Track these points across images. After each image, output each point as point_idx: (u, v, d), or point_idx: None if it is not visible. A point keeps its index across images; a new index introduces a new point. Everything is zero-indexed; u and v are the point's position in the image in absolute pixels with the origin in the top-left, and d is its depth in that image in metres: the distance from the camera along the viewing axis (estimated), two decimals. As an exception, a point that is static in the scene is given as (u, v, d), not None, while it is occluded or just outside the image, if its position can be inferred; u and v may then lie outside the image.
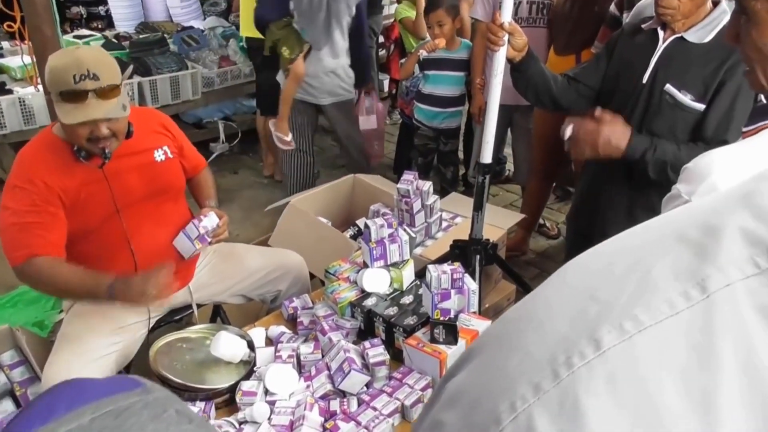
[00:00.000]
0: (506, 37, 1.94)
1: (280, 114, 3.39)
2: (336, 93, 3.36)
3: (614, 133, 1.77)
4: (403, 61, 3.75)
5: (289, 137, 3.44)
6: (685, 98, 1.75)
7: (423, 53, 3.34)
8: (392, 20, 4.94)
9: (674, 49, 1.78)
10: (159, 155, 1.96)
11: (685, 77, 1.76)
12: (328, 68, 3.26)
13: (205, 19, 5.11)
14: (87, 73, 1.66)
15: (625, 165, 1.93)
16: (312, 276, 2.39)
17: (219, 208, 2.15)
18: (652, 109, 1.82)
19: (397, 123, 5.03)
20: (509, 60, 2.00)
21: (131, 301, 1.75)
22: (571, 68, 2.15)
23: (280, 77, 3.39)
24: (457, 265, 1.79)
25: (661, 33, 1.82)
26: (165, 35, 4.39)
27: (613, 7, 2.48)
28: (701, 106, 1.75)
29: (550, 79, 2.04)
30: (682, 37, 1.78)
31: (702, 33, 1.77)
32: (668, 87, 1.77)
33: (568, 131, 1.83)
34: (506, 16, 1.93)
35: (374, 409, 1.58)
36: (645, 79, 1.80)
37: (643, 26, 1.86)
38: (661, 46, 1.81)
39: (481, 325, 1.74)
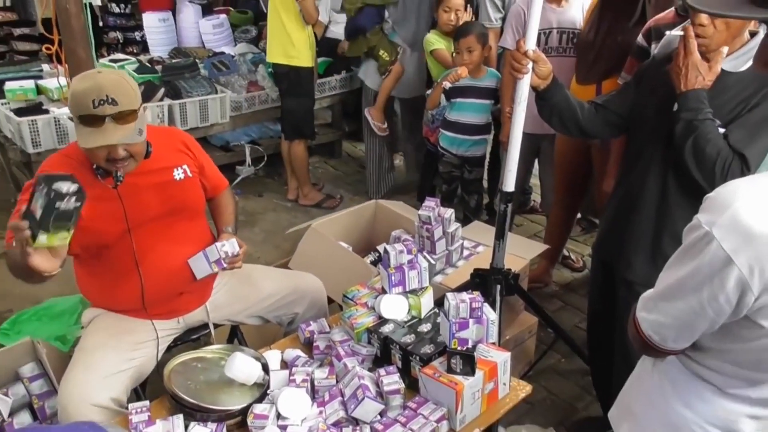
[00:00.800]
0: (530, 65, 1.94)
1: (378, 105, 4.14)
2: (416, 89, 4.05)
3: (693, 71, 1.71)
4: (429, 91, 3.78)
5: (384, 125, 4.21)
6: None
7: (447, 84, 3.38)
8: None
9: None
10: (178, 174, 1.97)
11: (718, 105, 1.73)
12: (414, 66, 3.95)
13: (236, 45, 5.23)
14: (106, 98, 1.68)
15: (654, 193, 1.89)
16: (330, 300, 2.37)
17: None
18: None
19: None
20: (533, 88, 1.99)
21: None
22: (599, 96, 2.13)
23: (364, 74, 4.28)
24: (476, 294, 1.76)
25: None
26: (197, 60, 4.49)
27: (640, 38, 2.46)
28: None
29: (576, 106, 2.02)
30: None
31: (738, 62, 1.74)
32: None
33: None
34: (530, 44, 1.93)
35: (387, 438, 1.54)
36: (676, 107, 1.77)
37: (675, 55, 1.84)
38: None
39: (500, 356, 1.70)
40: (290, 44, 3.91)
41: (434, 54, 3.88)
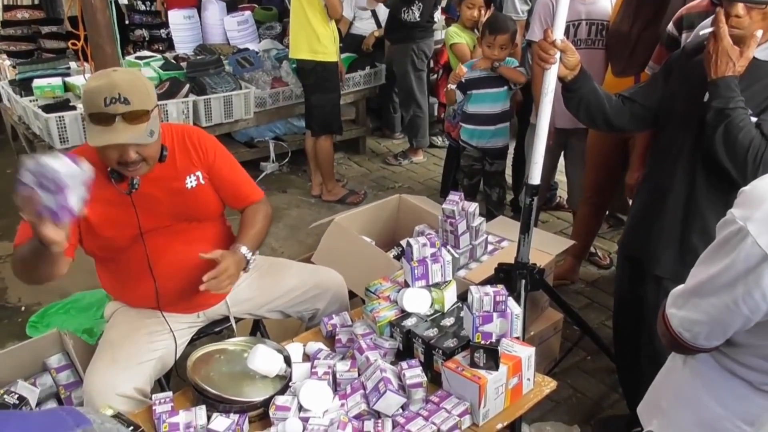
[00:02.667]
0: (558, 55, 1.90)
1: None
2: None
3: (723, 57, 1.65)
4: (449, 86, 3.76)
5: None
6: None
7: (451, 86, 3.40)
8: (441, 45, 4.96)
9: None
10: (191, 182, 1.91)
11: (751, 95, 1.67)
12: None
13: (260, 41, 5.25)
14: (118, 97, 1.64)
15: (683, 187, 1.84)
16: (353, 295, 2.36)
17: None
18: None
19: (444, 146, 5.02)
20: (560, 79, 1.95)
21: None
22: (627, 88, 2.08)
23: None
24: (500, 287, 1.73)
25: None
26: (221, 57, 4.52)
27: (671, 27, 2.40)
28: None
29: (604, 98, 1.98)
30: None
31: None
32: None
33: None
34: (558, 33, 1.89)
35: (409, 432, 1.52)
36: (706, 98, 1.72)
37: (705, 43, 1.79)
38: None
39: (525, 351, 1.67)
40: (316, 39, 3.91)
41: (453, 48, 3.87)
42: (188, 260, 1.90)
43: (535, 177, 2.09)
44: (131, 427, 1.54)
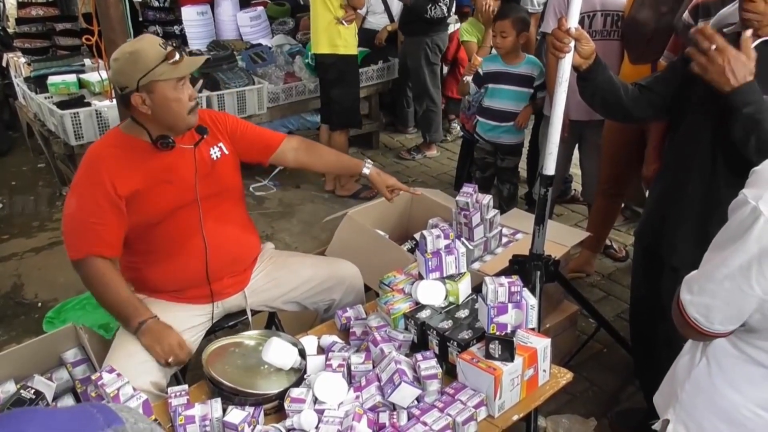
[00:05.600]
0: (572, 44, 1.87)
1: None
2: None
3: (738, 64, 1.60)
4: (465, 78, 3.74)
5: None
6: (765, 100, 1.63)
7: (467, 78, 3.37)
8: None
9: (760, 53, 1.67)
10: (215, 153, 2.02)
11: (766, 79, 1.64)
12: None
13: (273, 37, 5.26)
14: (166, 44, 1.85)
15: (702, 175, 1.81)
16: (367, 288, 2.35)
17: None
18: (730, 116, 1.70)
19: (457, 139, 5.00)
20: (575, 68, 1.93)
21: (149, 347, 1.86)
22: (643, 77, 2.05)
23: None
24: (515, 278, 1.72)
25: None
26: (234, 52, 4.53)
27: (686, 15, 2.36)
28: None
29: (620, 87, 1.95)
30: (767, 41, 1.67)
31: None
32: None
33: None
34: (573, 21, 1.87)
35: (424, 424, 1.51)
36: (731, 103, 1.68)
37: (725, 30, 1.75)
38: None
39: (540, 342, 1.66)
40: (336, 34, 3.93)
41: (464, 45, 3.86)
42: (228, 236, 2.04)
43: (550, 168, 2.07)
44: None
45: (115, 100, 3.16)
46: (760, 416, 1.19)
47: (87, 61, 4.34)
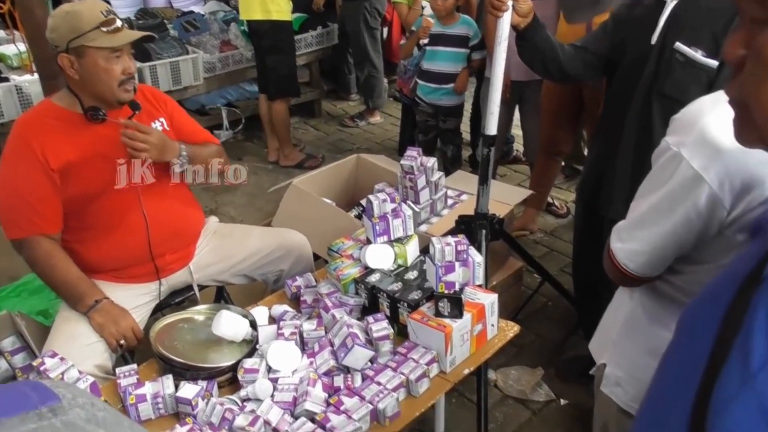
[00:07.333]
0: (510, 2, 1.88)
1: None
2: None
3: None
4: (403, 42, 3.72)
5: None
6: (697, 54, 1.69)
7: (425, 40, 3.35)
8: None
9: (683, 6, 1.72)
10: (156, 126, 1.97)
11: (696, 34, 1.69)
12: None
13: (205, 4, 5.06)
14: (109, 12, 1.78)
15: (635, 130, 1.87)
16: (317, 257, 2.35)
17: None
18: (662, 71, 1.76)
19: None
20: (514, 27, 1.95)
21: (102, 326, 1.82)
22: (580, 38, 2.09)
23: None
24: (461, 236, 1.75)
25: None
26: (165, 21, 4.34)
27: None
28: (714, 63, 1.69)
29: (557, 47, 1.98)
30: None
31: None
32: (678, 45, 1.71)
33: None
34: (509, -21, 1.87)
35: (378, 384, 1.54)
36: (654, 40, 1.74)
37: None
38: (670, 4, 1.75)
39: (488, 298, 1.70)
40: None
41: (397, 9, 3.83)
42: (167, 210, 1.99)
43: (492, 128, 2.09)
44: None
45: (37, 74, 3.00)
46: None
47: (1, 33, 4.07)
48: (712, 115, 1.02)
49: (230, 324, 1.73)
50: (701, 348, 0.57)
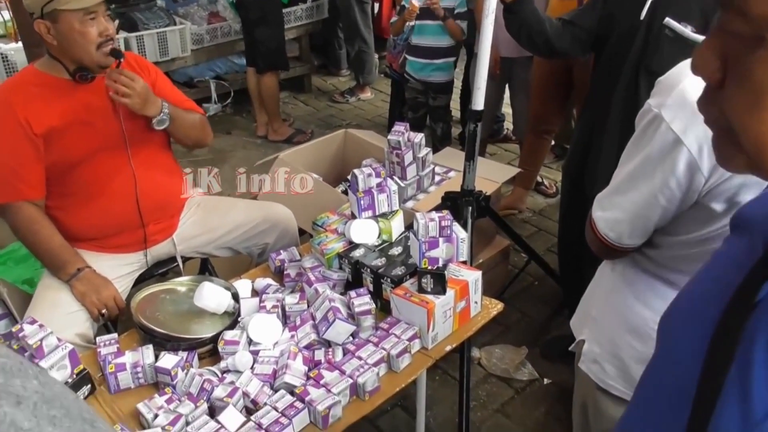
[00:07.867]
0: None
1: None
2: None
3: None
4: (394, 19, 3.66)
5: None
6: (686, 30, 1.67)
7: (412, 23, 3.32)
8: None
9: None
10: None
11: (685, 9, 1.68)
12: None
13: (194, -26, 4.96)
14: None
15: (621, 108, 1.85)
16: (302, 232, 2.33)
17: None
18: (651, 47, 1.74)
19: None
20: (501, 0, 1.92)
21: (83, 295, 1.81)
22: (568, 12, 2.07)
23: None
24: (445, 212, 1.73)
25: None
26: (152, -10, 4.25)
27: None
28: (703, 38, 1.66)
29: (545, 21, 1.96)
30: None
31: None
32: (668, 20, 1.69)
33: None
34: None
35: (359, 358, 1.53)
36: (643, 15, 1.72)
37: None
38: None
39: (471, 275, 1.69)
40: None
41: None
42: (152, 179, 1.98)
43: (479, 102, 2.07)
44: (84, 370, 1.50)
45: (21, 42, 2.94)
46: None
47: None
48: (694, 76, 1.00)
49: (212, 296, 1.72)
50: (688, 370, 0.53)
